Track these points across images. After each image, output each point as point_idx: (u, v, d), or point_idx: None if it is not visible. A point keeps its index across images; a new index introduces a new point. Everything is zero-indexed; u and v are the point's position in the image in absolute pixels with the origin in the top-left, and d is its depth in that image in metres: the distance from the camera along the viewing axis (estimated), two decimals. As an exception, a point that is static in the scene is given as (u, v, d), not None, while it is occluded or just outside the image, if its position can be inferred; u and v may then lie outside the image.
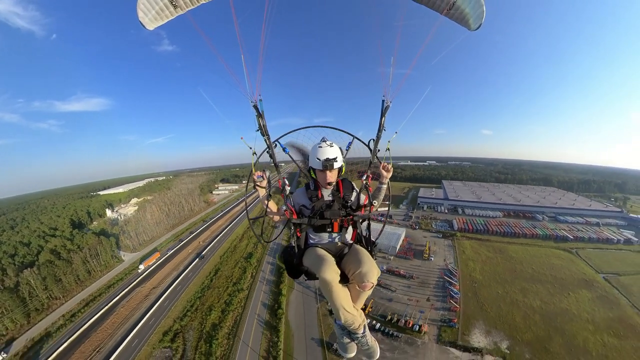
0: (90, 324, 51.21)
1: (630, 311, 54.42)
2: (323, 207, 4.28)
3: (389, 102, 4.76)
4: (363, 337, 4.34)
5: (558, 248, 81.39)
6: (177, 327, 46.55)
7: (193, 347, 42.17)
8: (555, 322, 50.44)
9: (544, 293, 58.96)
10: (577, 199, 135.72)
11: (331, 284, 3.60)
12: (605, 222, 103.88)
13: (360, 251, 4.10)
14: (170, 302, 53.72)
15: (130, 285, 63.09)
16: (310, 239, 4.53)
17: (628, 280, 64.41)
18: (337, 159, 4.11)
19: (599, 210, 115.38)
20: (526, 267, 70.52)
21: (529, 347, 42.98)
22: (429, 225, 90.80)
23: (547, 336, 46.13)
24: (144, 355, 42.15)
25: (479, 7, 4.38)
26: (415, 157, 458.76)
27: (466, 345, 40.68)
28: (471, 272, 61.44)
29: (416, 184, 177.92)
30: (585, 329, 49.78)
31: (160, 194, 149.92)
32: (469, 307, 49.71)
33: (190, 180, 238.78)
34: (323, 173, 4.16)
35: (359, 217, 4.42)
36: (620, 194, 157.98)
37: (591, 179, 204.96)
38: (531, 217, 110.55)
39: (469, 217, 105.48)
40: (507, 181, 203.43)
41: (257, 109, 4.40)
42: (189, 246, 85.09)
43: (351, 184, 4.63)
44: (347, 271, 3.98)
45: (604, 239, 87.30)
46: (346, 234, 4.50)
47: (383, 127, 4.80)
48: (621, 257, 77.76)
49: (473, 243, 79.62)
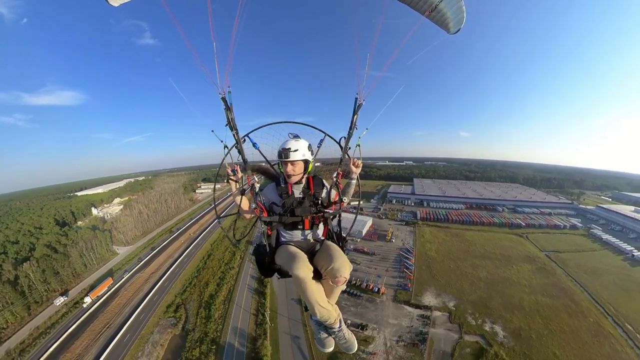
0: (96, 307, 57.24)
1: (564, 278, 64.97)
2: (294, 204, 4.33)
3: (362, 100, 4.79)
4: (340, 332, 4.33)
5: (511, 233, 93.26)
6: (178, 300, 54.55)
7: (194, 314, 50.52)
8: (497, 288, 60.50)
9: (491, 267, 69.92)
10: (535, 193, 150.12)
11: (305, 280, 3.63)
12: (557, 212, 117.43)
13: (332, 247, 4.15)
14: (169, 282, 61.41)
15: (131, 272, 69.56)
16: (281, 237, 4.52)
17: (567, 256, 75.53)
18: (297, 150, 4.19)
19: (552, 202, 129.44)
20: (479, 247, 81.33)
21: (472, 305, 53.33)
22: (395, 216, 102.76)
23: (488, 297, 56.44)
24: (151, 325, 49.75)
25: (460, 13, 4.71)
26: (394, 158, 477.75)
27: (418, 304, 50.99)
28: (427, 252, 73.14)
29: (389, 182, 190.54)
30: (522, 291, 59.58)
31: (144, 193, 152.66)
32: (422, 276, 60.75)
33: (171, 180, 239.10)
34: (285, 165, 4.25)
35: (330, 214, 4.50)
36: (577, 190, 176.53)
37: (553, 176, 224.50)
38: (492, 209, 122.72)
39: (433, 209, 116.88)
40: (475, 179, 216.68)
41: (225, 102, 4.32)
42: (181, 237, 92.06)
43: (321, 181, 4.65)
44: (319, 267, 4.02)
45: (553, 225, 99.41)
46: (317, 231, 4.53)
47: (355, 125, 4.82)
48: (565, 239, 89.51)
49: (433, 229, 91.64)
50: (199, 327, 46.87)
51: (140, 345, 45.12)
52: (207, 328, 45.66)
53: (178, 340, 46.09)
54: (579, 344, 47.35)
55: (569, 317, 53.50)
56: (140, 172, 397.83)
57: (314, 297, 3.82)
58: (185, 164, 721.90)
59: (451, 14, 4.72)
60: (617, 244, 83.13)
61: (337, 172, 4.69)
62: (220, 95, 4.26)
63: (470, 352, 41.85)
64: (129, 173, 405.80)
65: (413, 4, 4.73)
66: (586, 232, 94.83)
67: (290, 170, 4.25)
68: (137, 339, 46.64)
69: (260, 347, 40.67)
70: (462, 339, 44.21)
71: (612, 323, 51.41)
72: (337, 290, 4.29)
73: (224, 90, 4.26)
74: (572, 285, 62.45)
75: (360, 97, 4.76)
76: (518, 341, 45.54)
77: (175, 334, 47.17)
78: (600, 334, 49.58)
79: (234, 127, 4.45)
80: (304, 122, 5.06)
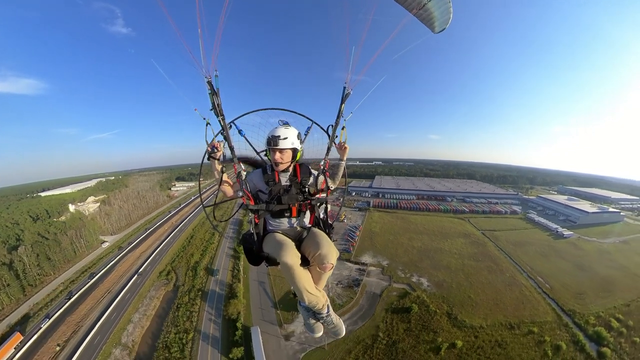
0: (94, 281, 67.44)
1: (492, 248, 75.66)
2: (280, 192, 4.33)
3: (350, 89, 4.84)
4: (328, 317, 4.43)
5: (454, 217, 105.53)
6: (169, 268, 67.47)
7: (183, 274, 63.96)
8: (428, 254, 71.45)
9: (427, 240, 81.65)
10: (486, 187, 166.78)
11: (293, 267, 3.71)
12: (504, 202, 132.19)
13: (318, 234, 4.27)
14: (160, 256, 73.83)
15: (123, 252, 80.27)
16: (268, 225, 4.56)
17: (500, 234, 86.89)
18: (287, 138, 4.16)
19: (500, 193, 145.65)
20: (419, 227, 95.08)
21: (403, 265, 65.65)
22: (352, 204, 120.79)
23: (419, 260, 68.08)
24: (147, 286, 62.32)
25: (447, 14, 4.83)
26: (364, 159, 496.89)
27: (357, 261, 67.47)
28: (372, 228, 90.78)
29: (355, 179, 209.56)
30: (451, 257, 69.49)
31: (120, 191, 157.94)
32: (364, 244, 77.52)
33: (145, 179, 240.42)
34: (273, 152, 4.22)
35: (317, 201, 4.61)
36: (529, 185, 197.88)
37: (509, 174, 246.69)
38: (442, 200, 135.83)
39: (386, 199, 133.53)
40: (435, 176, 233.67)
41: (211, 86, 4.16)
42: (165, 224, 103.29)
43: (308, 169, 4.71)
44: (307, 254, 4.12)
45: (495, 211, 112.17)
46: (304, 218, 4.62)
47: (342, 113, 4.86)
48: (503, 221, 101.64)
49: (381, 214, 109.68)
50: (187, 283, 60.55)
51: (139, 300, 57.62)
52: (194, 282, 59.57)
53: (170, 294, 59.34)
54: (492, 291, 56.62)
55: (489, 273, 63.29)
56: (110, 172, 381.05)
57: (302, 284, 3.88)
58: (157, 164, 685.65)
59: (438, 13, 4.88)
60: (546, 224, 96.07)
61: (324, 160, 4.78)
62: (206, 78, 4.11)
63: (396, 295, 54.30)
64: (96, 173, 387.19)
65: (402, 1, 4.82)
66: (524, 216, 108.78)
67: (279, 158, 4.24)
68: (136, 296, 59.12)
69: (235, 288, 55.52)
70: (390, 285, 57.43)
71: (526, 277, 61.58)
72: (325, 277, 4.29)
73: (210, 73, 4.10)
74: (497, 253, 73.17)
75: (348, 87, 4.81)
76: (439, 289, 56.63)
77: (168, 290, 60.41)
78: (513, 284, 58.76)
79: (220, 113, 4.28)
80: (291, 110, 5.04)
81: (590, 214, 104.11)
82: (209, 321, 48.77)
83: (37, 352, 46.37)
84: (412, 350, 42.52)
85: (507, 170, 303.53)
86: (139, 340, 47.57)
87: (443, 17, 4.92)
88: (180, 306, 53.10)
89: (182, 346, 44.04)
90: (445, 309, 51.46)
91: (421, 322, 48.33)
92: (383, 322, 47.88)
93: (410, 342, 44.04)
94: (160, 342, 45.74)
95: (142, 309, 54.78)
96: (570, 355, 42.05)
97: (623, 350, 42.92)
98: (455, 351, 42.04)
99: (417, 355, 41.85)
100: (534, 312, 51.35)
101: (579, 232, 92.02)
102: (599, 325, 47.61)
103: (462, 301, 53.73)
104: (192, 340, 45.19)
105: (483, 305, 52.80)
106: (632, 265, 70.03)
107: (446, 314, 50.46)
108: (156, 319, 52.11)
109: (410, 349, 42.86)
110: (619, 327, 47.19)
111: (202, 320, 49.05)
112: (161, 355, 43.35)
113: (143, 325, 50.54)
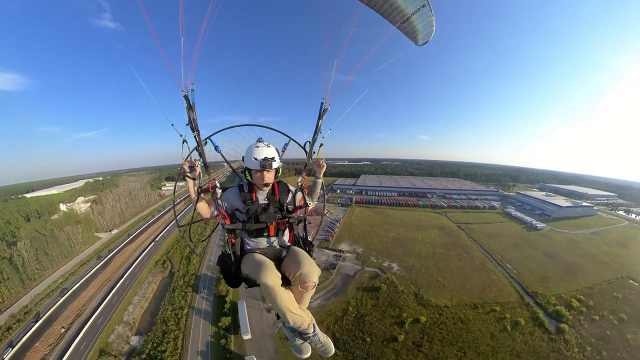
0: (93, 272, 72.94)
1: (465, 238, 79.38)
2: (258, 211, 4.27)
3: (328, 105, 4.89)
4: (315, 336, 4.28)
5: (432, 212, 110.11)
6: (164, 258, 73.87)
7: (178, 263, 70.50)
8: (402, 243, 76.16)
9: (402, 231, 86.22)
10: (467, 184, 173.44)
11: (274, 288, 3.63)
12: (484, 198, 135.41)
13: (299, 252, 4.18)
14: (155, 248, 79.94)
15: (120, 246, 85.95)
16: (246, 245, 4.46)
17: (475, 226, 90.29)
18: (274, 158, 4.16)
19: (480, 190, 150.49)
20: (397, 220, 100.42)
21: (377, 252, 71.29)
22: (336, 201, 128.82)
23: (392, 248, 73.35)
24: (145, 273, 68.68)
25: (430, 27, 4.98)
26: (353, 159, 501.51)
27: (334, 249, 74.95)
28: (352, 221, 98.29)
29: (341, 178, 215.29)
30: (423, 246, 73.49)
31: (111, 190, 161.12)
32: (342, 235, 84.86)
33: (134, 179, 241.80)
34: (261, 173, 4.15)
35: (295, 219, 4.53)
36: (512, 183, 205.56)
37: (492, 172, 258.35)
38: (422, 196, 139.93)
39: (368, 196, 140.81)
40: (420, 175, 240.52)
41: (187, 100, 4.19)
42: (159, 221, 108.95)
43: (287, 186, 4.66)
44: (287, 274, 4.03)
45: (474, 206, 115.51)
46: (283, 237, 4.56)
47: (320, 129, 4.91)
48: (480, 215, 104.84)
49: (362, 209, 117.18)
50: (182, 269, 67.22)
51: (138, 286, 63.97)
52: (188, 269, 66.33)
53: (167, 279, 65.95)
54: (460, 275, 59.85)
55: (458, 260, 66.26)
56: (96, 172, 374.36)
57: (284, 305, 3.79)
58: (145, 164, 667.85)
59: (422, 27, 4.98)
60: (522, 218, 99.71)
61: (301, 177, 4.80)
62: (183, 92, 4.13)
63: (368, 277, 59.97)
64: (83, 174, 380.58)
65: (386, 15, 4.85)
66: (501, 211, 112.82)
67: (268, 179, 4.20)
68: (135, 282, 65.40)
69: (226, 273, 62.48)
70: (363, 269, 63.77)
71: (495, 264, 64.64)
72: (308, 296, 4.19)
73: (187, 87, 4.10)
74: (470, 243, 76.40)
75: (326, 102, 4.83)
76: (408, 272, 61.08)
77: (164, 276, 67.03)
78: (482, 270, 61.56)
79: (195, 128, 4.32)
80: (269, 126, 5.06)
81: (563, 208, 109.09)
82: (201, 299, 55.82)
83: (43, 335, 51.18)
84: (379, 323, 47.25)
85: (492, 169, 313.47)
86: (139, 318, 54.16)
87: (426, 30, 5.07)
88: (175, 289, 59.85)
89: (177, 320, 50.99)
90: (413, 290, 55.79)
91: (389, 300, 52.86)
92: (354, 298, 53.30)
93: (377, 316, 48.75)
94: (158, 318, 52.48)
95: (141, 292, 61.21)
96: (529, 330, 45.18)
97: (582, 326, 46.19)
98: (419, 325, 46.12)
99: (383, 327, 46.46)
100: (498, 294, 54.17)
101: (553, 225, 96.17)
102: (559, 305, 50.60)
103: (430, 284, 57.96)
104: (187, 315, 52.18)
105: (450, 288, 56.56)
106: (599, 253, 73.47)
107: (413, 294, 54.74)
108: (154, 300, 58.73)
109: (377, 321, 47.61)
110: (579, 306, 50.47)
111: (196, 299, 56.05)
112: (159, 328, 50.07)
113: (142, 306, 57.11)
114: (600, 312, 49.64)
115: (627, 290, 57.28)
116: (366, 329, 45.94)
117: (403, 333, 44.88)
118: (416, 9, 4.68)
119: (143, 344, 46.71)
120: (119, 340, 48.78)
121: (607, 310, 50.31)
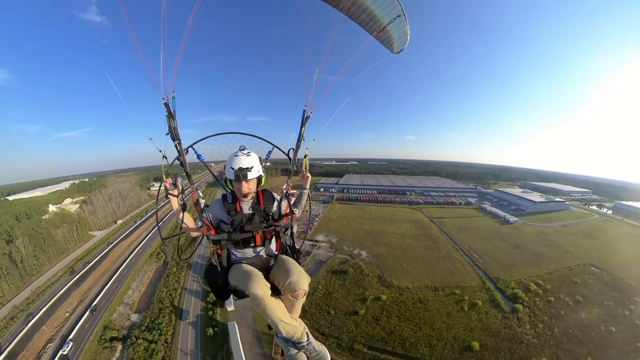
0: (93, 264, 79.78)
1: (435, 230, 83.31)
2: (243, 221, 4.21)
3: (310, 112, 4.89)
4: (309, 345, 4.19)
5: (408, 208, 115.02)
6: (158, 250, 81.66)
7: (171, 254, 78.37)
8: (373, 234, 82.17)
9: (376, 224, 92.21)
10: (446, 182, 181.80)
11: (263, 298, 3.58)
12: (462, 195, 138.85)
13: (287, 261, 4.16)
14: (149, 243, 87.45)
15: (115, 241, 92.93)
16: (232, 256, 4.40)
17: (448, 220, 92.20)
18: (252, 168, 4.04)
19: (459, 187, 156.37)
20: (373, 214, 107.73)
21: (349, 241, 78.55)
22: (318, 198, 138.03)
23: (363, 238, 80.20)
24: (141, 263, 76.46)
25: (404, 36, 5.26)
26: (340, 159, 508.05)
27: (311, 239, 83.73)
28: (330, 216, 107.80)
29: (325, 177, 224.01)
30: (393, 237, 78.10)
31: (100, 191, 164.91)
32: (320, 227, 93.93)
33: (122, 180, 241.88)
34: (238, 183, 4.08)
35: (282, 227, 4.45)
36: (494, 181, 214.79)
37: (474, 171, 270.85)
38: (401, 193, 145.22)
39: (349, 194, 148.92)
40: (403, 174, 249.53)
41: (167, 108, 4.09)
42: (152, 218, 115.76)
43: (272, 195, 4.60)
44: (276, 283, 3.99)
45: (450, 202, 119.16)
46: (270, 246, 4.48)
47: (303, 136, 4.88)
48: (455, 211, 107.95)
49: (342, 205, 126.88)
50: (175, 258, 75.17)
51: (135, 274, 71.71)
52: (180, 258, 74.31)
53: (161, 268, 73.98)
54: (424, 263, 62.80)
55: (425, 250, 69.70)
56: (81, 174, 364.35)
57: (275, 315, 3.73)
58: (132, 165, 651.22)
59: (397, 35, 5.17)
60: (496, 212, 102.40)
61: (286, 184, 4.69)
62: (163, 100, 4.04)
63: (338, 262, 67.40)
64: (66, 175, 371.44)
65: (364, 24, 5.00)
66: (477, 206, 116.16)
67: (246, 189, 4.12)
68: (132, 271, 73.09)
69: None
70: (335, 255, 71.78)
71: (462, 254, 67.21)
72: (298, 304, 4.09)
73: (168, 94, 4.01)
74: (439, 235, 79.68)
75: (308, 110, 4.82)
76: (376, 259, 66.23)
77: (159, 265, 75.08)
78: (447, 258, 64.29)
79: (176, 137, 4.21)
80: (250, 134, 4.99)
81: (537, 203, 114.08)
82: (193, 281, 64.42)
83: (47, 320, 57.23)
84: (344, 299, 52.96)
85: (475, 168, 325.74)
86: (137, 299, 62.28)
87: (401, 39, 5.33)
88: (170, 275, 68.12)
89: (172, 299, 59.47)
90: (377, 273, 61.17)
91: (354, 281, 58.78)
92: (324, 279, 60.27)
93: (342, 293, 54.81)
94: (155, 299, 60.70)
95: (139, 279, 69.16)
96: (485, 310, 47.83)
97: (537, 306, 49.08)
98: (379, 303, 50.71)
99: (347, 302, 51.93)
100: (460, 279, 56.92)
101: (526, 219, 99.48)
102: (517, 288, 53.29)
103: (394, 268, 62.50)
104: (180, 295, 60.72)
105: (413, 273, 60.45)
106: (565, 243, 75.86)
107: (377, 276, 60.11)
108: (150, 285, 66.85)
109: (342, 298, 53.51)
110: (536, 289, 53.29)
111: (188, 282, 64.61)
112: (156, 306, 58.28)
113: (140, 290, 65.21)
114: (557, 295, 52.59)
115: (587, 275, 60.12)
116: (332, 303, 51.64)
117: (364, 308, 49.90)
118: (392, 18, 4.95)
119: (142, 319, 54.94)
120: (120, 318, 56.80)
121: (565, 292, 53.23)
